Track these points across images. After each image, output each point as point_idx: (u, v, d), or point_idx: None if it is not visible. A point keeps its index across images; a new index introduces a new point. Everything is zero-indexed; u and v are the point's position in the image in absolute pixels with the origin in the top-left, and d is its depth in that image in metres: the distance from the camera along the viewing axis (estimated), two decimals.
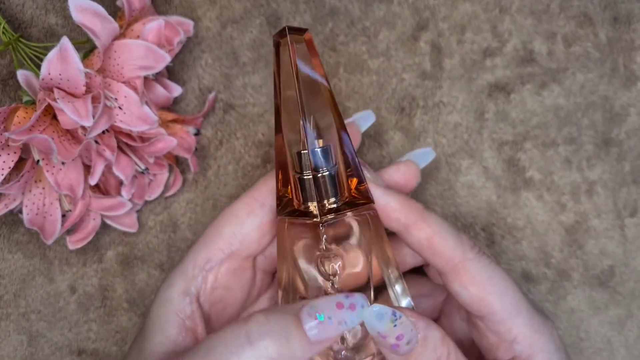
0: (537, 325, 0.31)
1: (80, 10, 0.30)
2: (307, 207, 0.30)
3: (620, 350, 0.40)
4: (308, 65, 0.29)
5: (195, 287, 0.33)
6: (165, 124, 0.36)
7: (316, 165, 0.29)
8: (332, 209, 0.30)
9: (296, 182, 0.30)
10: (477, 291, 0.31)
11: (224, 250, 0.33)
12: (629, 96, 0.39)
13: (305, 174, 0.29)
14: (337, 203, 0.30)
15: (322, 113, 0.30)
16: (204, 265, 0.33)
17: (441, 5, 0.38)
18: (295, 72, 0.28)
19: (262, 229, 0.33)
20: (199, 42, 0.38)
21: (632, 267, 0.40)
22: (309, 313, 0.27)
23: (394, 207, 0.31)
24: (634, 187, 0.40)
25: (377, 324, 0.28)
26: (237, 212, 0.33)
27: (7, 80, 0.37)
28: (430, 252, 0.31)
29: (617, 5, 0.39)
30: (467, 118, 0.39)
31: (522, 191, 0.40)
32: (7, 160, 0.32)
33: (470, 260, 0.31)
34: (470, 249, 0.31)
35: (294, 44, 0.28)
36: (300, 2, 0.38)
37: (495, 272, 0.31)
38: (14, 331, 0.40)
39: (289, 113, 0.30)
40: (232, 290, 0.34)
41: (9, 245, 0.39)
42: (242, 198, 0.33)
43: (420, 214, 0.31)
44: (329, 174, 0.29)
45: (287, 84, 0.29)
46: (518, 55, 0.39)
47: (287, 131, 0.30)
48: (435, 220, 0.31)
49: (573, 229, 0.40)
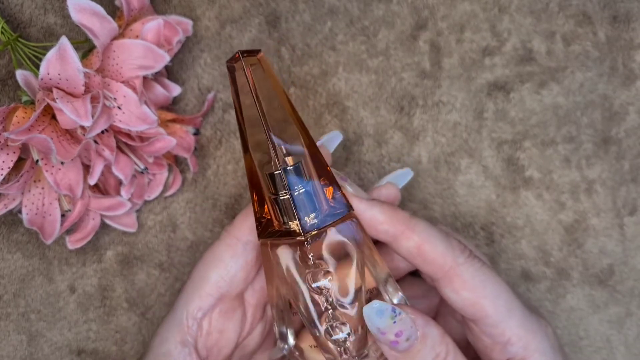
0: (531, 325, 0.31)
1: (79, 10, 0.30)
2: (288, 227, 0.30)
3: (620, 348, 0.41)
4: (265, 85, 0.29)
5: (192, 336, 0.33)
6: (165, 124, 0.36)
7: (290, 184, 0.29)
8: (313, 224, 0.29)
9: (273, 204, 0.30)
10: (470, 295, 0.31)
11: (213, 295, 0.33)
12: (628, 95, 0.39)
13: (281, 195, 0.29)
14: (318, 217, 0.30)
15: (286, 127, 0.30)
16: (196, 314, 0.33)
17: (440, 5, 0.38)
18: (255, 95, 0.28)
19: (247, 268, 0.33)
20: (198, 42, 0.38)
21: (631, 266, 0.40)
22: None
23: (380, 219, 0.31)
24: (633, 186, 0.40)
25: (377, 320, 0.29)
26: (221, 255, 0.33)
27: (6, 80, 0.37)
28: (420, 260, 0.31)
29: (616, 4, 0.39)
30: (466, 117, 0.39)
31: (521, 190, 0.40)
32: (7, 160, 0.32)
33: (461, 265, 0.31)
34: (461, 253, 0.31)
35: (249, 67, 0.28)
36: (299, 1, 0.38)
37: (487, 275, 0.31)
38: (14, 331, 0.40)
39: (254, 133, 0.30)
40: (226, 331, 0.34)
41: (9, 245, 0.39)
42: (224, 239, 0.33)
43: (407, 222, 0.31)
44: (304, 190, 0.29)
45: (248, 105, 0.29)
46: (517, 54, 0.39)
47: (254, 150, 0.30)
48: (422, 227, 0.31)
49: (572, 228, 0.40)
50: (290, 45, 0.39)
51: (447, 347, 0.30)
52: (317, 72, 0.39)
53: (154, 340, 0.33)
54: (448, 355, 0.30)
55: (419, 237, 0.31)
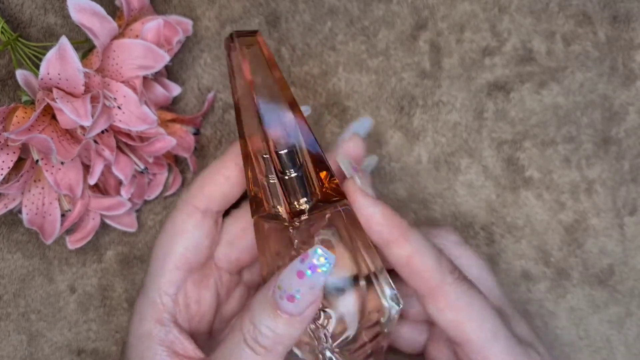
0: (516, 355, 0.30)
1: (79, 10, 0.30)
2: (277, 210, 0.30)
3: (620, 348, 0.41)
4: (261, 66, 0.28)
5: (169, 312, 0.32)
6: (165, 124, 0.36)
7: (282, 167, 0.29)
8: (303, 210, 0.29)
9: (264, 186, 0.30)
10: (454, 317, 0.30)
11: (181, 267, 0.32)
12: (628, 95, 0.39)
13: (270, 178, 0.29)
14: (309, 203, 0.29)
15: (284, 110, 0.29)
16: (168, 290, 0.32)
17: (440, 5, 0.38)
18: (248, 80, 0.28)
19: (210, 236, 0.33)
20: (198, 42, 0.38)
21: (631, 266, 0.40)
22: (280, 296, 0.28)
23: (378, 220, 0.30)
24: (633, 186, 0.40)
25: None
26: (183, 226, 0.33)
27: (6, 80, 0.37)
28: (408, 272, 0.30)
29: (616, 4, 0.39)
30: (466, 117, 0.39)
31: (521, 190, 0.40)
32: (7, 160, 0.32)
33: (449, 284, 0.30)
34: (450, 273, 0.30)
35: (244, 48, 0.28)
36: (299, 1, 0.38)
37: (474, 299, 0.30)
38: (14, 331, 0.40)
39: (251, 116, 0.29)
40: (203, 300, 0.34)
41: (9, 245, 0.39)
42: (183, 209, 0.33)
43: (404, 231, 0.30)
44: (294, 175, 0.29)
45: (244, 86, 0.29)
46: (517, 54, 0.39)
47: (249, 132, 0.30)
48: (417, 239, 0.30)
49: (572, 228, 0.40)
50: (290, 45, 0.39)
51: None
52: (317, 72, 0.39)
53: (133, 322, 0.33)
54: None
55: (412, 247, 0.30)
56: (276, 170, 0.29)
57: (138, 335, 0.32)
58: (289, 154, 0.29)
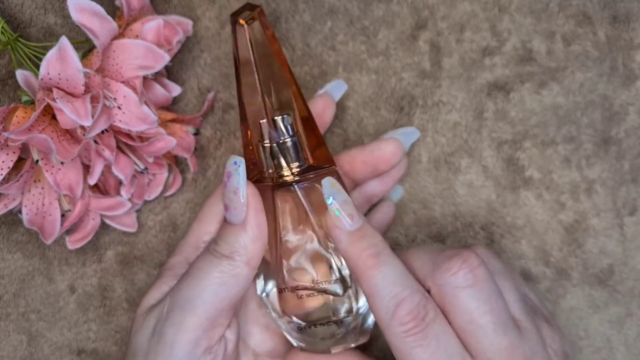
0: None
1: (79, 10, 0.30)
2: (269, 174, 0.32)
3: (620, 348, 0.41)
4: (262, 41, 0.31)
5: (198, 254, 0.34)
6: (165, 124, 0.36)
7: (274, 133, 0.31)
8: (293, 172, 0.32)
9: (259, 151, 0.32)
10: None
11: (221, 221, 0.35)
12: (628, 95, 0.39)
13: (265, 142, 0.31)
14: (302, 167, 0.32)
15: (281, 85, 0.32)
16: (203, 237, 0.35)
17: (440, 4, 0.38)
18: (252, 52, 0.31)
19: None
20: (198, 42, 0.38)
21: (631, 266, 0.40)
22: (224, 210, 0.31)
23: (347, 257, 0.31)
24: (633, 186, 0.40)
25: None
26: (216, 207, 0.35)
27: (6, 80, 0.37)
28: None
29: (616, 4, 0.39)
30: (466, 117, 0.39)
31: (521, 190, 0.40)
32: (7, 160, 0.32)
33: (391, 333, 0.29)
34: (398, 325, 0.29)
35: (246, 24, 0.31)
36: (299, 1, 0.38)
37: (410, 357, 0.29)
38: (14, 331, 0.40)
39: (251, 86, 0.32)
40: None
41: (9, 245, 0.39)
42: (217, 192, 0.35)
43: (369, 271, 0.30)
44: (287, 141, 0.31)
45: (245, 59, 0.31)
46: (517, 54, 0.39)
47: (249, 101, 0.32)
48: (377, 283, 0.30)
49: (572, 228, 0.40)
50: (290, 45, 0.39)
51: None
52: (317, 72, 0.39)
53: (168, 257, 0.36)
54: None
55: (367, 288, 0.30)
56: (269, 135, 0.31)
57: (166, 266, 0.35)
58: (284, 119, 0.31)
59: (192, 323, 0.31)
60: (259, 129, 0.32)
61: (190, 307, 0.31)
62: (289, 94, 0.32)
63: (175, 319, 0.31)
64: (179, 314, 0.31)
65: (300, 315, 0.33)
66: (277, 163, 0.32)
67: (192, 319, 0.31)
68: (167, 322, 0.31)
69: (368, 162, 0.36)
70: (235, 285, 0.31)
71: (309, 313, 0.33)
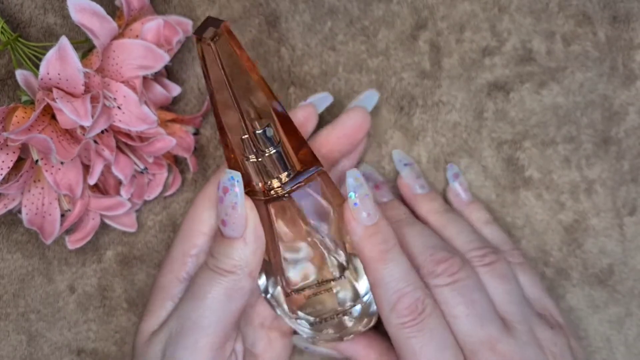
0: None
1: (79, 10, 0.30)
2: (258, 187, 0.32)
3: (620, 348, 0.41)
4: (231, 58, 0.29)
5: (187, 272, 0.34)
6: (164, 124, 0.36)
7: (257, 147, 0.31)
8: (283, 184, 0.31)
9: (245, 166, 0.31)
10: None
11: (206, 233, 0.35)
12: (628, 95, 0.39)
13: (251, 158, 0.31)
14: (289, 176, 0.31)
15: (256, 95, 0.31)
16: (190, 251, 0.34)
17: (440, 5, 0.38)
18: (222, 70, 0.29)
19: None
20: None
21: (631, 266, 0.40)
22: (219, 225, 0.31)
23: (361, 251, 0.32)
24: (633, 186, 0.40)
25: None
26: (211, 195, 0.35)
27: (5, 80, 0.37)
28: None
29: (616, 4, 0.39)
30: (466, 117, 0.39)
31: (521, 190, 0.40)
32: (6, 160, 0.32)
33: (391, 326, 0.32)
34: (396, 317, 0.31)
35: (212, 42, 0.29)
36: (299, 1, 0.38)
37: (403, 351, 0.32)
38: (13, 331, 0.40)
39: (226, 105, 0.31)
40: None
41: (8, 245, 0.39)
42: (212, 179, 0.35)
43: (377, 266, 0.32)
44: (275, 151, 0.31)
45: (216, 76, 0.30)
46: (517, 54, 0.39)
47: (226, 120, 0.31)
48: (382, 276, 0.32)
49: (572, 228, 0.40)
50: (290, 46, 0.39)
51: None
52: (317, 72, 0.39)
53: (157, 275, 0.35)
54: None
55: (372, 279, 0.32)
56: (256, 149, 0.31)
57: (154, 288, 0.35)
58: (266, 132, 0.30)
59: (205, 344, 0.31)
60: (241, 145, 0.31)
61: (199, 328, 0.31)
62: (264, 99, 0.31)
63: (187, 341, 0.31)
64: (190, 337, 0.31)
65: (309, 313, 0.34)
66: (266, 176, 0.31)
67: (205, 339, 0.31)
68: (179, 346, 0.31)
69: (342, 135, 0.36)
70: (240, 298, 0.32)
71: (318, 310, 0.34)
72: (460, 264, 0.33)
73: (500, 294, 0.34)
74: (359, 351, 0.36)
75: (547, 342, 0.34)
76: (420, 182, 0.38)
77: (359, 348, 0.36)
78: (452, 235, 0.36)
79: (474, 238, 0.36)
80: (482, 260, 0.35)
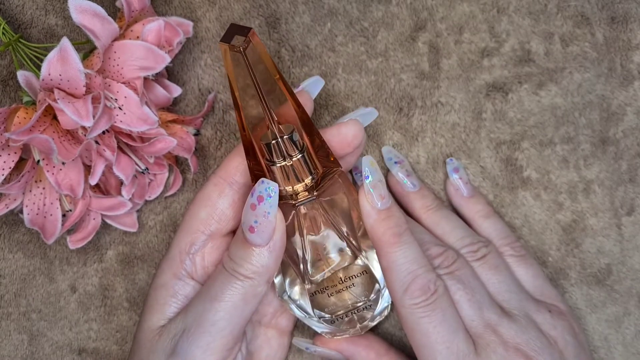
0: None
1: (80, 11, 0.30)
2: (286, 191, 0.32)
3: (618, 347, 0.41)
4: (259, 65, 0.30)
5: (186, 270, 0.35)
6: (165, 124, 0.37)
7: (287, 151, 0.31)
8: (306, 189, 0.32)
9: (270, 171, 0.32)
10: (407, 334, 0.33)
11: (204, 232, 0.35)
12: (626, 95, 0.39)
13: (277, 162, 0.31)
14: (314, 179, 0.32)
15: (279, 100, 0.31)
16: (188, 250, 0.35)
17: (439, 6, 0.39)
18: (252, 77, 0.29)
19: (234, 206, 0.35)
20: (198, 43, 0.39)
21: (629, 266, 0.40)
22: (244, 230, 0.32)
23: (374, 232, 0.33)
24: (631, 186, 0.40)
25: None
26: (209, 194, 0.35)
27: (7, 81, 0.38)
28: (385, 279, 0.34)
29: (614, 5, 0.39)
30: (464, 118, 0.39)
31: (519, 190, 0.40)
32: (8, 161, 0.32)
33: (404, 307, 0.32)
34: (409, 298, 0.32)
35: (239, 48, 0.29)
36: (299, 2, 0.38)
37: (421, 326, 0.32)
38: (15, 330, 0.40)
39: (247, 107, 0.31)
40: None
41: (10, 245, 0.39)
42: (211, 179, 0.35)
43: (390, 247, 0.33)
44: (301, 156, 0.31)
45: (243, 81, 0.30)
46: (515, 55, 0.39)
47: (250, 123, 0.31)
48: (395, 258, 0.33)
49: (570, 228, 0.40)
50: (290, 47, 0.39)
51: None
52: (316, 73, 0.39)
53: (155, 274, 0.36)
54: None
55: (386, 262, 0.33)
56: (284, 154, 0.31)
57: (155, 286, 0.35)
58: (293, 136, 0.31)
59: (220, 345, 0.32)
60: (266, 150, 0.31)
61: (215, 329, 0.32)
62: (287, 104, 0.31)
63: (201, 341, 0.32)
64: (205, 336, 0.32)
65: (331, 311, 0.35)
66: (294, 180, 0.32)
67: (220, 340, 0.32)
68: (193, 344, 0.32)
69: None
70: (255, 302, 0.33)
71: (340, 306, 0.35)
72: (454, 257, 0.35)
73: (495, 283, 0.35)
74: (359, 351, 0.37)
75: (546, 326, 0.35)
76: (412, 179, 0.38)
77: (359, 348, 0.37)
78: (446, 232, 0.37)
79: (466, 234, 0.37)
80: (475, 255, 0.36)
